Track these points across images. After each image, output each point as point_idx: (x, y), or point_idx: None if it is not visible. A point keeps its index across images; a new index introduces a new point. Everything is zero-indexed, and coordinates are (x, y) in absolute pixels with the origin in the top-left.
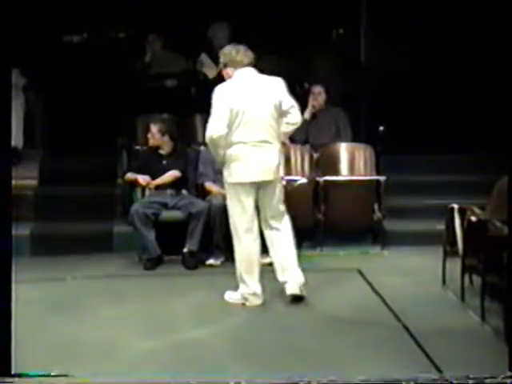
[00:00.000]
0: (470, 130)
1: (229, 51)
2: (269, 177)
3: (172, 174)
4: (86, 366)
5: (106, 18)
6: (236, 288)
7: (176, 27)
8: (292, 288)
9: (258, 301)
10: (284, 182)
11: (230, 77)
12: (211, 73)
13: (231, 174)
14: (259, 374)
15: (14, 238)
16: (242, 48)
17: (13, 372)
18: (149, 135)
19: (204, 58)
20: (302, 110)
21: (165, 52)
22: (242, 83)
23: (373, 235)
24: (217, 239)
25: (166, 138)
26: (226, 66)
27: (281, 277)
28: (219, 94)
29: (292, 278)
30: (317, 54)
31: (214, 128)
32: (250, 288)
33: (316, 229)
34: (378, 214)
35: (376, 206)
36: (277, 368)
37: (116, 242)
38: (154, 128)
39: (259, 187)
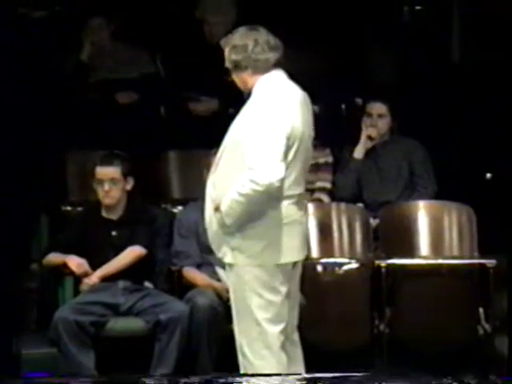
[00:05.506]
0: None
1: (243, 43)
2: (305, 252)
3: (130, 254)
4: None
5: None
6: None
7: (136, 5)
8: None
9: None
10: (320, 268)
11: (247, 87)
12: (202, 107)
13: (267, 250)
14: None
15: None
16: (264, 35)
17: None
18: (103, 187)
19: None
20: (354, 144)
21: (116, 45)
22: (285, 94)
23: (477, 361)
24: (203, 363)
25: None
26: (239, 68)
27: None
28: (271, 108)
29: None
30: (376, 48)
31: (277, 169)
32: None
33: (376, 347)
34: (484, 325)
35: (481, 311)
36: None
37: (26, 371)
38: (114, 170)
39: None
